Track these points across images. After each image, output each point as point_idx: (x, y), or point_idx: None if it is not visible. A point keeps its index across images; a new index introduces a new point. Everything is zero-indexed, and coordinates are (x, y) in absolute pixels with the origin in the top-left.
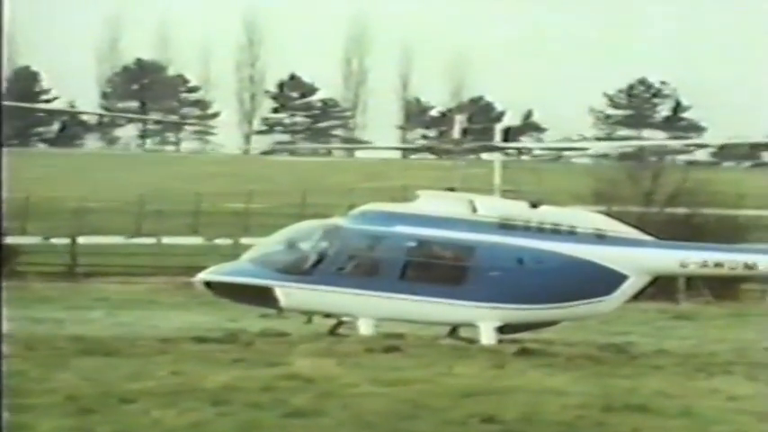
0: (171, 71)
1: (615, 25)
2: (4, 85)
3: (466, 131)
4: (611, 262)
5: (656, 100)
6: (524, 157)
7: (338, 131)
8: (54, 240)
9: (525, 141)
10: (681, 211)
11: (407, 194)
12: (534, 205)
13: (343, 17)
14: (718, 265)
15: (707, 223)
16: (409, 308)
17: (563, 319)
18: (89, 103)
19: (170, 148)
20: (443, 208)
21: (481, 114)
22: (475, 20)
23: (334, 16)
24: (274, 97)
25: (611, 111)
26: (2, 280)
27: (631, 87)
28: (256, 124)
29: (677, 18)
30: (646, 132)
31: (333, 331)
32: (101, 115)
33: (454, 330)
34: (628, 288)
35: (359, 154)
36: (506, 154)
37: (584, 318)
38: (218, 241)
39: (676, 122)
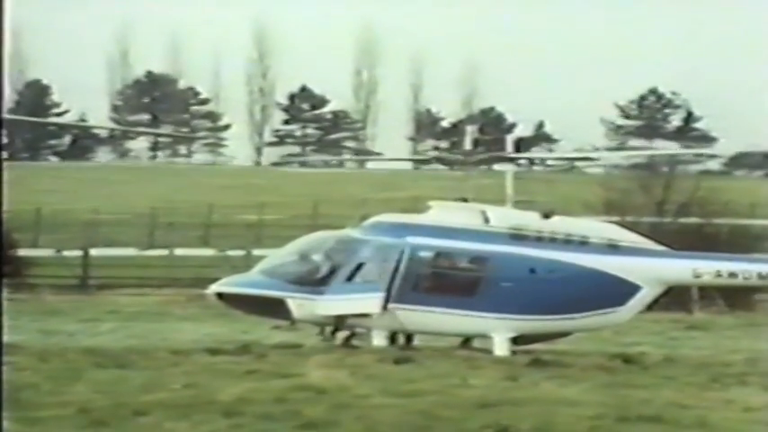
0: (182, 84)
1: (626, 35)
2: (15, 98)
3: (477, 142)
4: (624, 272)
5: (667, 110)
6: (536, 168)
7: (349, 143)
8: (66, 253)
9: (537, 152)
10: (693, 220)
11: (419, 205)
12: (546, 216)
13: (353, 29)
14: (732, 275)
15: (720, 233)
16: (422, 319)
17: (576, 329)
18: (100, 117)
19: (181, 160)
20: (456, 219)
21: (492, 125)
22: (486, 30)
23: (345, 28)
24: (285, 109)
25: (622, 121)
26: (2, 291)
27: (642, 98)
28: (267, 136)
29: (689, 27)
30: (657, 143)
31: (345, 343)
32: (112, 129)
33: (467, 341)
34: (641, 299)
35: (370, 165)
36: (518, 165)
37: (597, 329)
38: (231, 253)
39: (688, 133)
